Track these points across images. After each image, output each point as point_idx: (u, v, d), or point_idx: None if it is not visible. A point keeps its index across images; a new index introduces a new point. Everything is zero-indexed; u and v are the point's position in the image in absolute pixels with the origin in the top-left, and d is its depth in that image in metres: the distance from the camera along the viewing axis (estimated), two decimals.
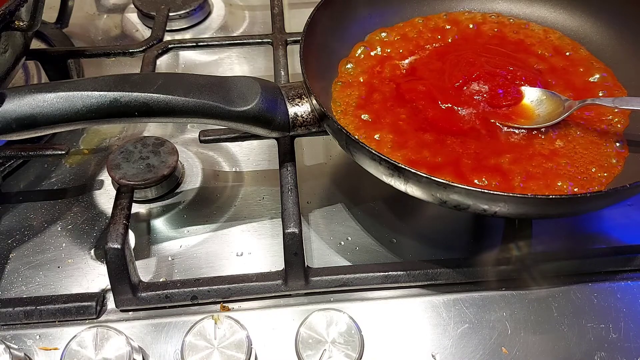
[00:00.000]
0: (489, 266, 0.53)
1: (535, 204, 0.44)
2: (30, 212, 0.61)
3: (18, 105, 0.46)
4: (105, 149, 0.68)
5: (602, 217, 0.59)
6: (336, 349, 0.46)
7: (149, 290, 0.51)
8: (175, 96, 0.48)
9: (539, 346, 0.49)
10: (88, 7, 0.91)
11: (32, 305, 0.51)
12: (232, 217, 0.60)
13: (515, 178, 0.51)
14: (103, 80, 0.48)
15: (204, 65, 0.80)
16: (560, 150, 0.54)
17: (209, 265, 0.56)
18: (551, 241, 0.56)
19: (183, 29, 0.86)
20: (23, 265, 0.56)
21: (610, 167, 0.52)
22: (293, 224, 0.51)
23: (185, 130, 0.70)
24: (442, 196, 0.45)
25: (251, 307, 0.52)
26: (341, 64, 0.62)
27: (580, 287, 0.53)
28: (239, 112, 0.50)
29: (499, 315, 0.51)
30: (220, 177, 0.65)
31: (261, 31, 0.85)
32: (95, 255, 0.57)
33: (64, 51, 0.74)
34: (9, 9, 0.56)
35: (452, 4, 0.69)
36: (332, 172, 0.65)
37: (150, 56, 0.71)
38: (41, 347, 0.49)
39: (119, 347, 0.46)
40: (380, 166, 0.46)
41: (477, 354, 0.49)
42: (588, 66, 0.62)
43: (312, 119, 0.53)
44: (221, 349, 0.46)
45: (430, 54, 0.64)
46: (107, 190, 0.63)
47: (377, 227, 0.59)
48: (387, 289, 0.53)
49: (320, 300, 0.52)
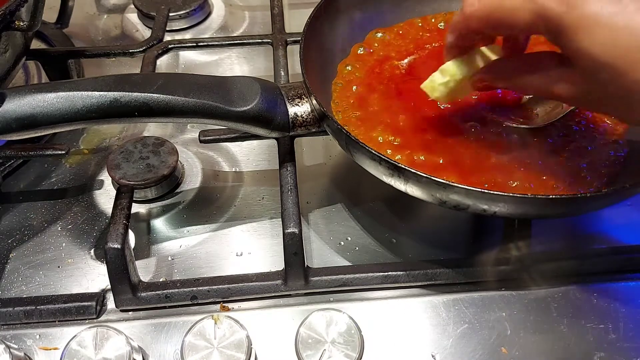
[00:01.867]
0: (489, 266, 0.53)
1: (535, 204, 0.44)
2: (30, 212, 0.61)
3: (18, 105, 0.46)
4: (105, 149, 0.68)
5: (602, 217, 0.59)
6: (336, 349, 0.46)
7: (149, 290, 0.51)
8: (175, 96, 0.48)
9: (539, 346, 0.49)
10: (88, 7, 0.91)
11: (32, 305, 0.51)
12: (232, 217, 0.60)
13: (515, 177, 0.51)
14: (103, 80, 0.48)
15: (204, 65, 0.80)
16: (560, 150, 0.54)
17: (208, 265, 0.56)
18: (551, 241, 0.56)
19: (183, 29, 0.86)
20: (23, 265, 0.56)
21: (610, 166, 0.52)
22: (293, 224, 0.51)
23: (185, 130, 0.70)
24: (442, 196, 0.45)
25: (251, 307, 0.52)
26: (341, 64, 0.62)
27: (580, 287, 0.53)
28: (239, 112, 0.50)
29: (498, 315, 0.51)
30: (220, 177, 0.65)
31: (261, 31, 0.86)
32: (95, 255, 0.57)
33: (64, 51, 0.74)
34: (9, 9, 0.56)
35: (451, 4, 0.69)
36: (332, 172, 0.65)
37: (150, 56, 0.71)
38: (41, 347, 0.49)
39: (119, 347, 0.46)
40: (380, 166, 0.46)
41: (476, 354, 0.49)
42: None
43: (312, 119, 0.53)
44: (221, 349, 0.46)
45: (429, 54, 0.64)
46: (107, 190, 0.63)
47: (377, 227, 0.59)
48: (387, 289, 0.53)
49: (320, 300, 0.52)
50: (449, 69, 0.49)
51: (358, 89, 0.60)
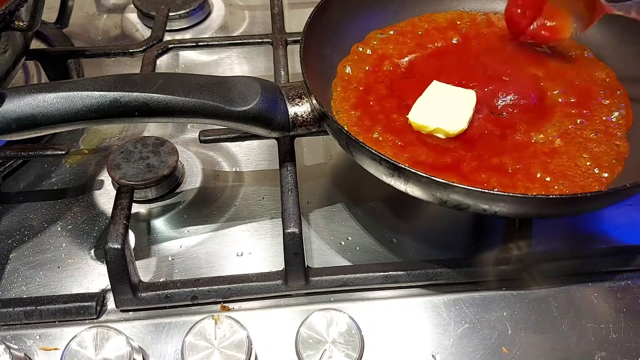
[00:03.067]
0: (489, 266, 0.53)
1: (535, 204, 0.44)
2: (30, 212, 0.61)
3: (18, 105, 0.46)
4: (105, 149, 0.68)
5: (602, 217, 0.59)
6: (336, 349, 0.46)
7: (149, 290, 0.51)
8: (175, 96, 0.48)
9: (539, 346, 0.49)
10: (88, 7, 0.91)
11: (32, 305, 0.51)
12: (232, 217, 0.60)
13: (516, 177, 0.51)
14: (103, 80, 0.48)
15: (204, 65, 0.80)
16: (560, 150, 0.54)
17: (209, 265, 0.56)
18: (551, 241, 0.56)
19: (183, 29, 0.86)
20: (23, 265, 0.56)
21: (610, 166, 0.52)
22: (293, 224, 0.51)
23: (185, 130, 0.70)
24: (442, 196, 0.45)
25: (251, 307, 0.52)
26: (341, 64, 0.62)
27: (580, 287, 0.53)
28: (239, 112, 0.50)
29: (499, 315, 0.51)
30: (220, 177, 0.65)
31: (261, 31, 0.85)
32: (95, 255, 0.57)
33: (64, 51, 0.74)
34: (9, 9, 0.56)
35: (451, 4, 0.69)
36: (332, 172, 0.65)
37: (150, 56, 0.71)
38: (41, 347, 0.49)
39: (119, 347, 0.46)
40: (380, 166, 0.46)
41: (477, 354, 0.49)
42: (590, 68, 0.62)
43: (312, 118, 0.53)
44: (221, 349, 0.46)
45: (429, 54, 0.64)
46: (107, 190, 0.63)
47: (377, 227, 0.59)
48: (387, 289, 0.53)
49: (320, 300, 0.52)
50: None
51: (358, 88, 0.60)
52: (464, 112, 0.55)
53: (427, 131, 0.54)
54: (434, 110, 0.55)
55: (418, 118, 0.54)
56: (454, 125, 0.54)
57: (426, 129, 0.54)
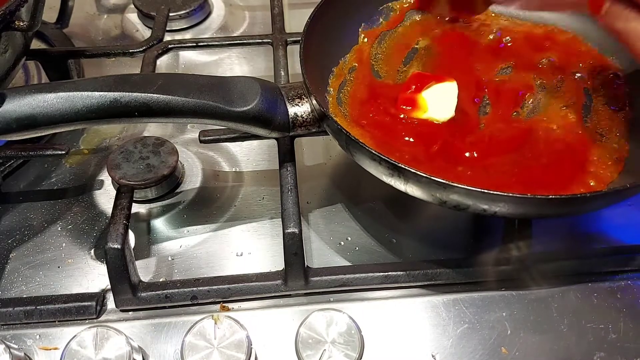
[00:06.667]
0: (489, 266, 0.53)
1: (535, 204, 0.44)
2: (30, 212, 0.61)
3: (18, 105, 0.46)
4: (105, 149, 0.68)
5: (602, 217, 0.59)
6: (336, 349, 0.46)
7: (149, 290, 0.51)
8: (175, 96, 0.48)
9: (539, 346, 0.49)
10: (88, 7, 0.91)
11: (32, 305, 0.51)
12: (232, 217, 0.60)
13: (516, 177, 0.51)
14: (103, 80, 0.48)
15: (204, 65, 0.80)
16: (560, 149, 0.54)
17: (209, 265, 0.56)
18: (551, 241, 0.56)
19: (183, 29, 0.86)
20: (23, 265, 0.56)
21: (610, 166, 0.52)
22: (293, 224, 0.51)
23: (185, 130, 0.70)
24: (442, 196, 0.45)
25: (251, 307, 0.52)
26: (341, 64, 0.62)
27: (580, 287, 0.53)
28: (239, 112, 0.50)
29: (498, 315, 0.51)
30: (220, 177, 0.65)
31: (261, 31, 0.85)
32: (95, 255, 0.57)
33: (64, 51, 0.74)
34: (9, 9, 0.56)
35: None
36: (332, 172, 0.65)
37: (150, 56, 0.71)
38: (41, 347, 0.49)
39: (119, 347, 0.46)
40: (380, 166, 0.46)
41: (476, 354, 0.49)
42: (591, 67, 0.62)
43: (312, 119, 0.53)
44: (221, 349, 0.46)
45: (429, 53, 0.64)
46: (107, 190, 0.63)
47: (377, 227, 0.59)
48: (387, 289, 0.53)
49: (320, 300, 0.52)
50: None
51: (358, 88, 0.60)
52: (450, 101, 0.57)
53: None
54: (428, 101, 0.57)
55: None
56: (443, 114, 0.56)
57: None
